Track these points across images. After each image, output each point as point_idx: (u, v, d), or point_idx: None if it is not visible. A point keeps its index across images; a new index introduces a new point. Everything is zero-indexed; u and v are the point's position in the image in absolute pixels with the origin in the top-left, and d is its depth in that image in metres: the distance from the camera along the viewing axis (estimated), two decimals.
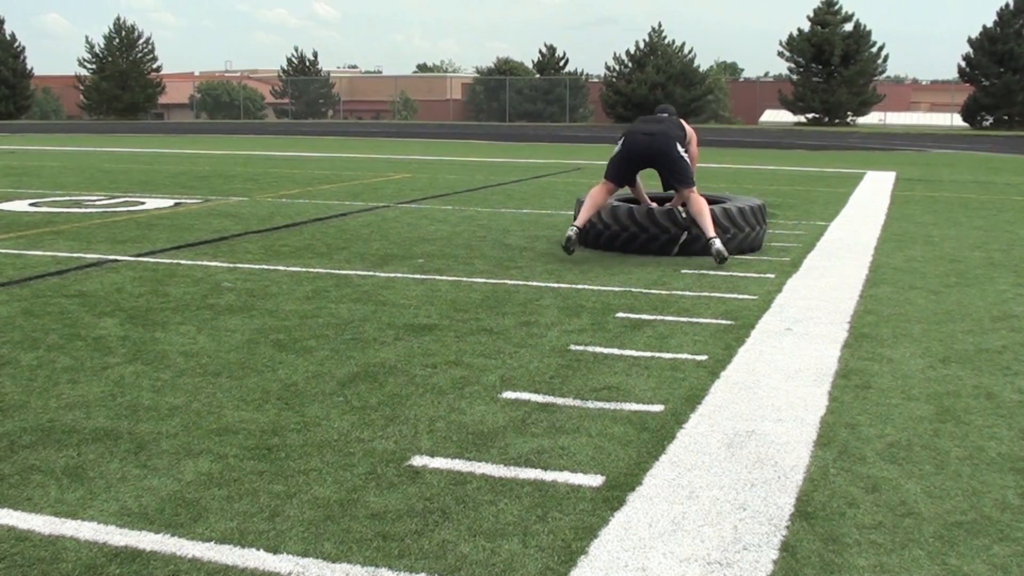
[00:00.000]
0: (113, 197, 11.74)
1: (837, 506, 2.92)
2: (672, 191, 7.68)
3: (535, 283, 6.33)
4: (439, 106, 62.16)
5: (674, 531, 2.73)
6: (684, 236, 7.27)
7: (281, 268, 6.84)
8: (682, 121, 7.68)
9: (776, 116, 54.45)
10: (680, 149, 7.30)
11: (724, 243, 7.04)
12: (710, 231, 6.98)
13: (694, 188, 7.25)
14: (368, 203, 11.35)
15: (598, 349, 4.67)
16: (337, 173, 16.24)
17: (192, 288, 6.05)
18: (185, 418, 3.62)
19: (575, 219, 7.38)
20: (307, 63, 62.88)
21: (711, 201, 7.72)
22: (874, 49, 49.41)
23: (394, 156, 21.54)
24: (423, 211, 10.58)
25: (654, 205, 7.69)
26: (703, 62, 63.04)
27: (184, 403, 3.79)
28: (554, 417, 3.67)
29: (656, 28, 52.46)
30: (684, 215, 7.25)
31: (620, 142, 7.46)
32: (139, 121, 53.54)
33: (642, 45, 52.44)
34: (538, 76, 56.77)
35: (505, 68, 60.27)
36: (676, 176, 7.27)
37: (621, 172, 7.39)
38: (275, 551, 2.57)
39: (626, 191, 7.96)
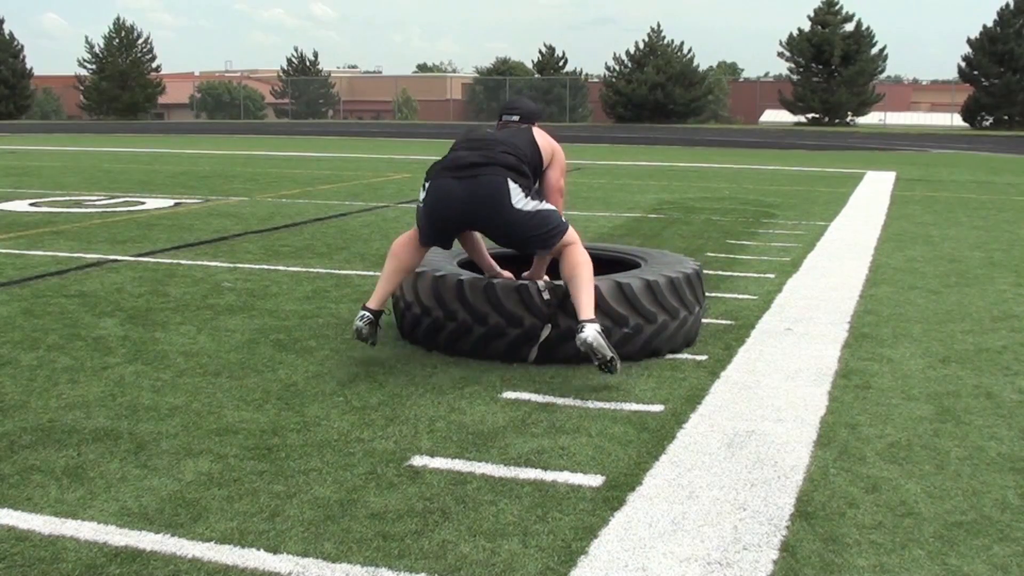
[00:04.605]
0: (113, 197, 11.74)
1: (837, 506, 2.92)
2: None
3: None
4: (439, 106, 62.16)
5: (674, 531, 2.73)
6: (546, 331, 4.33)
7: (281, 268, 6.84)
8: (536, 133, 4.55)
9: (776, 116, 54.46)
10: (520, 197, 4.24)
11: (613, 338, 4.25)
12: (585, 310, 4.10)
13: (567, 235, 4.33)
14: (368, 203, 11.35)
15: None
16: (337, 173, 16.24)
17: (192, 288, 6.05)
18: (185, 418, 3.61)
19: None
20: (307, 63, 62.88)
21: (610, 264, 5.13)
22: (874, 49, 49.43)
23: (394, 156, 21.54)
24: None
25: (506, 275, 4.73)
26: (703, 62, 63.14)
27: (184, 403, 3.79)
28: (554, 417, 3.67)
29: (656, 28, 52.54)
30: (549, 295, 4.32)
31: (424, 186, 4.42)
32: (139, 121, 53.52)
33: (641, 45, 52.49)
34: (538, 76, 56.78)
35: (505, 68, 60.31)
36: (524, 243, 4.36)
37: (433, 232, 4.41)
38: (275, 551, 2.57)
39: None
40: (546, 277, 4.48)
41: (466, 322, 4.43)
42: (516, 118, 4.67)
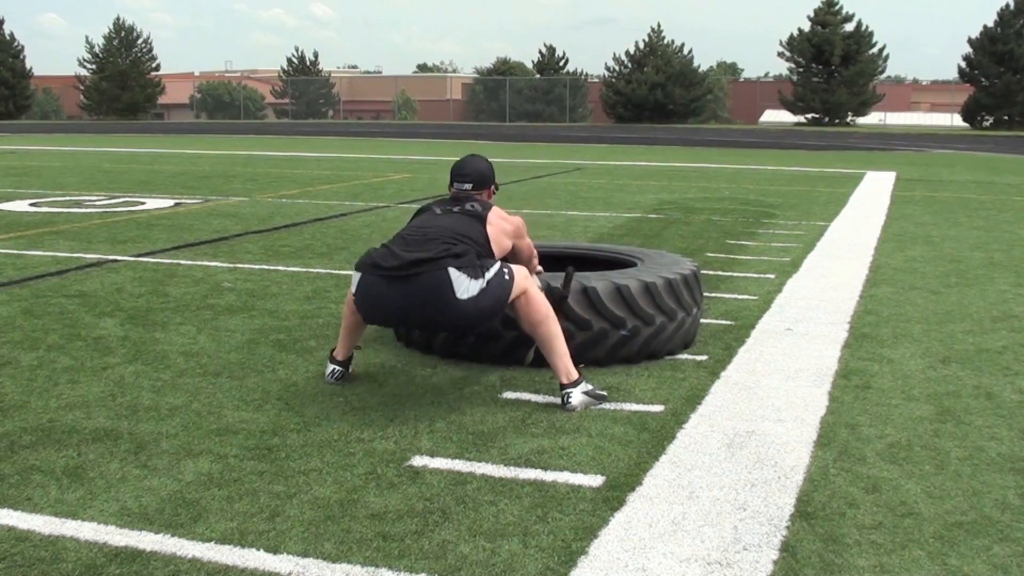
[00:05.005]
0: (113, 197, 11.74)
1: (837, 506, 2.92)
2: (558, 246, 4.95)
3: None
4: (439, 106, 62.16)
5: (674, 531, 2.73)
6: None
7: (281, 268, 6.84)
8: (490, 223, 4.01)
9: (776, 116, 54.48)
10: (465, 285, 3.69)
11: (610, 339, 4.28)
12: (563, 373, 3.82)
13: (516, 285, 3.84)
14: (368, 203, 11.35)
15: None
16: (337, 173, 16.24)
17: (192, 288, 6.05)
18: (185, 418, 3.61)
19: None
20: (307, 63, 62.90)
21: (606, 264, 5.06)
22: (874, 49, 49.46)
23: (394, 156, 21.54)
24: None
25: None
26: (703, 63, 63.31)
27: (184, 403, 3.79)
28: (554, 417, 3.67)
29: (656, 28, 52.60)
30: (562, 291, 4.16)
31: (355, 279, 3.89)
32: (139, 121, 53.53)
33: (641, 45, 52.53)
34: (538, 76, 56.80)
35: (505, 68, 60.30)
36: (477, 326, 3.95)
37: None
38: (275, 551, 2.57)
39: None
40: (540, 268, 4.40)
41: None
42: (468, 186, 4.21)
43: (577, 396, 3.78)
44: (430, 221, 4.00)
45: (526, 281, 3.90)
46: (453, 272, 3.68)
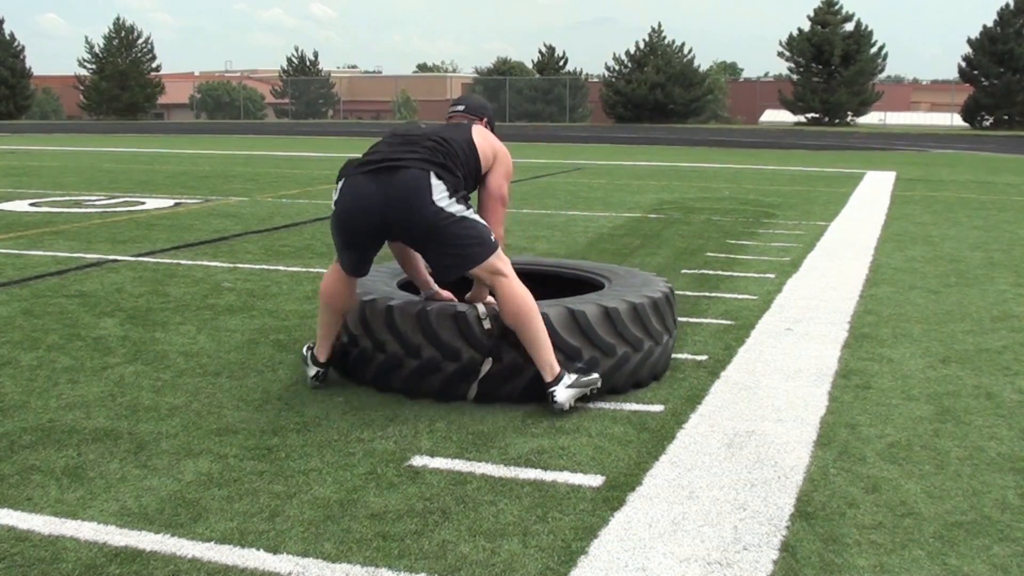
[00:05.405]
0: (113, 197, 11.74)
1: (837, 506, 2.92)
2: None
3: None
4: (439, 106, 62.14)
5: (674, 531, 2.73)
6: (487, 366, 3.77)
7: (281, 268, 6.84)
8: (476, 131, 3.94)
9: (776, 116, 54.50)
10: (444, 195, 3.64)
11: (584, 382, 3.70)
12: (548, 369, 3.67)
13: (496, 258, 3.71)
14: None
15: None
16: (337, 173, 16.22)
17: (192, 288, 6.05)
18: (185, 418, 3.61)
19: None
20: (307, 63, 62.92)
21: (571, 284, 4.61)
22: (874, 49, 49.48)
23: None
24: None
25: (444, 294, 4.11)
26: (703, 62, 63.41)
27: (184, 403, 3.79)
28: (554, 417, 3.66)
29: (656, 28, 52.59)
30: (490, 324, 3.76)
31: (336, 187, 3.92)
32: (139, 121, 53.53)
33: (642, 45, 52.53)
34: (538, 76, 56.81)
35: (505, 68, 60.33)
36: (444, 252, 3.72)
37: (347, 243, 3.88)
38: (275, 551, 2.57)
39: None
40: (490, 298, 3.87)
41: (396, 355, 3.85)
42: (461, 108, 4.21)
43: (561, 392, 3.65)
44: (412, 128, 3.97)
45: (508, 266, 3.74)
46: (433, 178, 3.65)
